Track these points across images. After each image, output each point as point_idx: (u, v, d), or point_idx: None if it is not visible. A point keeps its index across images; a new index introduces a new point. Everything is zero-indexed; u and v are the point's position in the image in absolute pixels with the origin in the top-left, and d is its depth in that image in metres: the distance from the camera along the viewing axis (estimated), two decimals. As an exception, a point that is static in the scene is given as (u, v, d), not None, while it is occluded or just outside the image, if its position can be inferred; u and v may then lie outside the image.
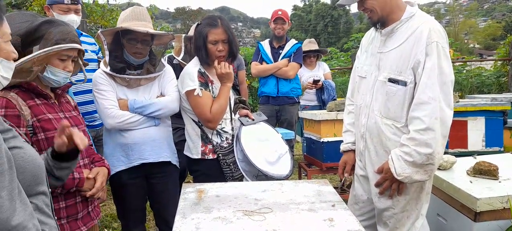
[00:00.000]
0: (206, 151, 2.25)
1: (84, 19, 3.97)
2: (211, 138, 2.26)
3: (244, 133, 2.31)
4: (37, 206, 1.05)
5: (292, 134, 3.34)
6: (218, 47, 2.21)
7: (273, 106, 4.09)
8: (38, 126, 1.49)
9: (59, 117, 1.59)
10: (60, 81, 1.58)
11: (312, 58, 4.72)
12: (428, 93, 1.66)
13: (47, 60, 1.51)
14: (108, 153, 2.21)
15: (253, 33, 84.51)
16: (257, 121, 2.46)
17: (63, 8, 2.53)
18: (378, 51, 1.87)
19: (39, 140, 1.50)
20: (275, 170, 2.22)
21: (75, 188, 1.57)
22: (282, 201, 1.62)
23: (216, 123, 2.22)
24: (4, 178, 0.88)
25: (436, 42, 1.67)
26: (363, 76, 1.95)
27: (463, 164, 2.26)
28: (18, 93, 1.50)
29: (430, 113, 1.65)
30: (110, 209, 3.74)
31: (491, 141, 3.31)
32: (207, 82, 2.25)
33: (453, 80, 1.72)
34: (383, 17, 1.79)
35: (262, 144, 2.34)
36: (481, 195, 1.81)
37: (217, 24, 2.21)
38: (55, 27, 1.53)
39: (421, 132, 1.66)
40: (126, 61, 2.16)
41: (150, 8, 5.92)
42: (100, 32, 2.12)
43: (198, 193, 1.74)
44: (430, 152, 1.65)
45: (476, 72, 8.25)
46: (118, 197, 2.29)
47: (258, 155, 2.23)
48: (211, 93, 2.24)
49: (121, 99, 2.16)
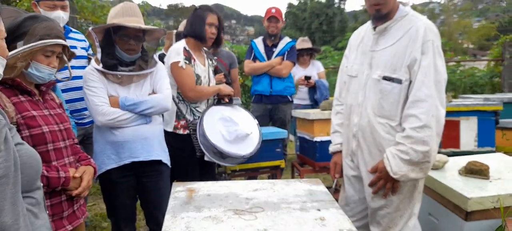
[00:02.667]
0: (178, 126, 2.55)
1: (74, 15, 3.92)
2: (185, 114, 2.55)
3: (211, 111, 2.57)
4: (37, 200, 1.10)
5: (285, 133, 3.33)
6: (212, 30, 2.60)
7: (266, 105, 4.06)
8: (23, 123, 1.47)
9: (44, 114, 1.56)
10: (45, 78, 1.55)
11: (305, 56, 4.70)
12: (424, 91, 1.66)
13: (31, 56, 1.49)
14: (98, 150, 2.18)
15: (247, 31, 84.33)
16: (233, 103, 2.70)
17: (49, 4, 2.49)
18: (370, 49, 1.86)
19: (24, 137, 1.46)
20: (231, 148, 2.41)
21: (60, 186, 1.54)
22: (273, 200, 1.60)
23: (195, 95, 2.53)
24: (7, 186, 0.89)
25: (432, 41, 1.68)
26: (354, 75, 1.94)
27: (455, 164, 2.27)
28: (2, 90, 1.47)
29: (426, 111, 1.65)
30: (100, 208, 3.70)
31: (483, 140, 3.33)
32: (190, 58, 2.56)
33: (446, 79, 1.72)
34: (386, 12, 1.79)
35: (225, 123, 2.52)
36: (472, 195, 1.81)
37: (214, 11, 2.65)
38: (39, 22, 1.50)
39: (417, 129, 1.66)
40: (118, 58, 2.13)
41: (142, 4, 5.88)
42: (91, 30, 2.08)
43: (189, 192, 1.72)
44: (427, 150, 1.65)
45: (469, 72, 8.28)
46: (108, 196, 2.26)
47: (216, 132, 2.45)
48: (193, 69, 2.55)
49: (112, 96, 2.13)
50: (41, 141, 1.50)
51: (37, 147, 1.48)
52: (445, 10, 34.10)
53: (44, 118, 1.54)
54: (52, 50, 1.54)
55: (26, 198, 1.05)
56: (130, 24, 2.06)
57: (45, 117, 1.55)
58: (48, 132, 1.52)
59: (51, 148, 1.54)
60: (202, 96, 2.61)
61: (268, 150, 3.17)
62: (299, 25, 40.91)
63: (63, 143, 1.60)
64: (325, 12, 39.83)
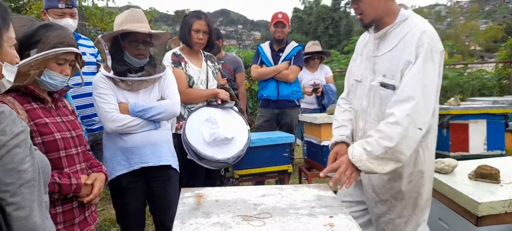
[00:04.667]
0: (178, 126, 2.65)
1: (83, 22, 3.97)
2: (183, 115, 2.64)
3: (199, 111, 2.64)
4: (47, 203, 1.14)
5: (292, 137, 3.33)
6: (199, 35, 2.72)
7: (273, 110, 4.06)
8: (35, 130, 1.49)
9: (56, 121, 1.58)
10: (57, 85, 1.57)
11: (316, 60, 4.66)
12: (407, 92, 1.63)
13: (44, 64, 1.51)
14: (108, 156, 2.20)
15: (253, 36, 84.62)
16: (224, 106, 2.75)
17: (58, 12, 2.53)
18: (372, 55, 1.85)
19: (36, 144, 1.48)
20: (208, 151, 2.45)
21: (72, 193, 1.56)
22: (281, 206, 1.60)
23: (184, 98, 2.55)
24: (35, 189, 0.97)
25: (426, 45, 1.64)
26: (359, 80, 1.93)
27: (465, 168, 2.24)
28: (15, 97, 1.49)
29: (403, 110, 1.61)
30: (109, 214, 3.72)
31: (492, 144, 3.28)
32: (180, 61, 2.72)
33: (437, 86, 1.67)
34: (375, 20, 1.78)
35: (208, 124, 2.55)
36: (483, 199, 1.79)
37: (202, 17, 2.74)
38: (52, 31, 1.52)
39: (388, 124, 1.63)
40: (127, 63, 2.16)
41: (150, 10, 5.93)
42: (101, 37, 2.11)
43: (197, 197, 1.72)
44: (390, 146, 1.60)
45: (477, 75, 8.22)
46: (117, 201, 2.28)
47: (198, 132, 2.51)
48: (184, 71, 2.69)
49: (121, 103, 2.15)
50: (53, 148, 1.52)
51: (49, 153, 1.50)
52: (451, 12, 33.91)
53: (57, 124, 1.56)
54: (65, 58, 1.57)
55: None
56: (140, 29, 2.09)
57: (58, 123, 1.57)
58: (60, 138, 1.54)
59: (63, 154, 1.56)
60: (192, 99, 2.71)
61: (275, 154, 3.18)
62: (305, 29, 40.93)
63: (75, 149, 1.62)
64: (331, 16, 39.84)
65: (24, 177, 0.92)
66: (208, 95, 2.74)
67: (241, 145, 2.57)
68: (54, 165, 1.52)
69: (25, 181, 0.93)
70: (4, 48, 1.02)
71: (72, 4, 2.58)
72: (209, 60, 2.90)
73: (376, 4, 1.74)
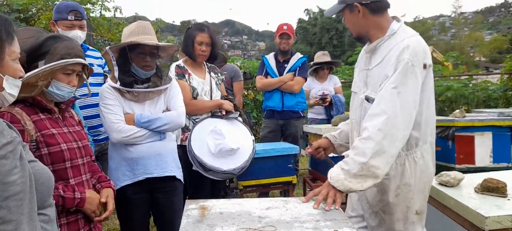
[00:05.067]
0: (183, 138, 2.67)
1: (90, 32, 4.02)
2: (188, 126, 2.66)
3: (204, 122, 2.64)
4: (49, 217, 1.11)
5: (297, 148, 3.33)
6: (202, 48, 2.75)
7: (278, 121, 4.07)
8: (42, 141, 1.50)
9: (63, 131, 1.59)
10: (65, 96, 1.59)
11: (325, 70, 4.66)
12: (381, 106, 1.62)
13: (52, 75, 1.53)
14: (113, 167, 2.21)
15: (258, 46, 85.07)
16: (229, 117, 2.76)
17: (67, 24, 2.56)
18: (364, 68, 1.87)
19: (42, 155, 1.50)
20: (214, 162, 2.44)
21: (74, 207, 1.56)
22: (286, 219, 1.59)
23: (189, 110, 2.56)
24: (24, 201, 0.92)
25: (406, 60, 1.63)
26: (355, 92, 1.95)
27: (471, 181, 2.22)
28: (22, 108, 1.51)
29: (376, 124, 1.60)
30: (113, 224, 3.72)
31: (499, 156, 3.26)
32: (184, 74, 2.75)
33: (415, 101, 1.65)
34: (360, 35, 1.80)
35: (214, 135, 2.54)
36: (490, 213, 1.77)
37: (205, 30, 2.77)
38: (60, 42, 1.55)
39: (362, 140, 1.62)
40: (134, 75, 2.18)
41: (156, 21, 5.99)
42: (109, 49, 2.13)
43: (201, 209, 1.72)
44: (363, 161, 1.59)
45: (482, 86, 8.18)
46: (121, 212, 2.28)
47: (203, 143, 2.52)
48: (188, 82, 2.72)
49: (127, 113, 2.17)
50: (60, 159, 1.53)
51: (55, 164, 1.51)
52: (455, 23, 33.91)
53: (63, 135, 1.58)
54: (72, 68, 1.59)
55: (39, 215, 1.06)
56: (147, 41, 2.12)
57: (64, 134, 1.59)
58: (66, 149, 1.55)
59: (69, 165, 1.57)
60: (197, 111, 2.72)
61: (280, 165, 3.18)
62: (310, 40, 41.08)
63: (81, 160, 1.63)
64: (335, 27, 40.00)
65: (10, 189, 0.87)
66: (212, 107, 2.75)
67: (246, 156, 2.56)
68: (60, 175, 1.53)
69: (12, 193, 0.88)
70: (6, 62, 1.02)
71: (82, 16, 2.62)
72: (212, 71, 2.92)
73: (356, 20, 1.78)
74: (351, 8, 1.77)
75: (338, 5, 1.81)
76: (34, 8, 4.50)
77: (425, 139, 1.80)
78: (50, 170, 1.41)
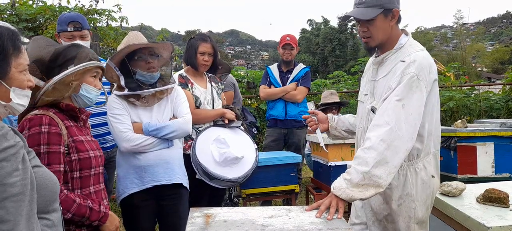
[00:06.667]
0: (186, 147, 2.66)
1: (97, 42, 4.07)
2: (191, 135, 2.67)
3: (208, 131, 2.66)
4: (53, 222, 1.12)
5: (300, 157, 3.35)
6: (205, 58, 2.80)
7: (281, 130, 4.11)
8: (73, 146, 1.54)
9: (88, 139, 1.64)
10: (93, 99, 1.66)
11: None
12: (384, 118, 1.65)
13: (82, 77, 1.60)
14: (122, 175, 2.24)
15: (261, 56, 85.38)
16: (231, 125, 2.78)
17: (68, 35, 2.60)
18: (371, 78, 1.90)
19: (72, 161, 1.53)
20: (219, 171, 2.46)
21: (97, 222, 1.58)
22: (289, 227, 1.61)
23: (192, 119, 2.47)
24: (23, 203, 0.94)
25: (411, 73, 1.66)
26: (362, 101, 1.98)
27: (473, 191, 2.23)
28: (55, 113, 1.55)
29: (378, 135, 1.62)
30: (117, 231, 3.73)
31: (501, 167, 3.27)
32: (187, 83, 2.78)
33: (419, 114, 1.67)
34: (381, 44, 1.81)
35: (218, 144, 2.56)
36: (492, 224, 1.78)
37: (207, 40, 2.82)
38: (82, 49, 1.64)
39: (364, 150, 1.65)
40: (141, 81, 2.21)
41: (162, 31, 6.04)
42: (109, 61, 2.16)
43: (206, 217, 1.74)
44: (365, 170, 1.60)
45: (484, 96, 8.18)
46: (128, 219, 2.30)
47: (208, 152, 2.54)
48: (191, 92, 2.74)
49: (135, 122, 2.21)
50: (88, 165, 1.57)
51: (83, 170, 1.55)
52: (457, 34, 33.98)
53: (89, 143, 1.63)
54: (97, 71, 1.67)
55: (42, 219, 1.08)
56: (136, 42, 2.20)
57: (89, 142, 1.64)
58: (93, 157, 1.60)
59: (93, 172, 1.61)
60: (200, 120, 2.74)
61: (282, 174, 3.19)
62: (313, 50, 41.21)
63: (100, 168, 1.68)
64: (337, 37, 40.16)
65: (9, 191, 0.90)
66: (215, 115, 2.78)
67: (250, 164, 2.59)
68: (82, 183, 1.56)
69: (10, 195, 0.91)
70: (12, 74, 1.06)
71: (82, 26, 2.63)
72: (213, 81, 2.96)
73: (387, 26, 1.77)
74: (387, 13, 1.75)
75: (375, 9, 1.73)
76: (42, 18, 4.56)
77: (428, 150, 1.82)
78: (77, 176, 1.45)
